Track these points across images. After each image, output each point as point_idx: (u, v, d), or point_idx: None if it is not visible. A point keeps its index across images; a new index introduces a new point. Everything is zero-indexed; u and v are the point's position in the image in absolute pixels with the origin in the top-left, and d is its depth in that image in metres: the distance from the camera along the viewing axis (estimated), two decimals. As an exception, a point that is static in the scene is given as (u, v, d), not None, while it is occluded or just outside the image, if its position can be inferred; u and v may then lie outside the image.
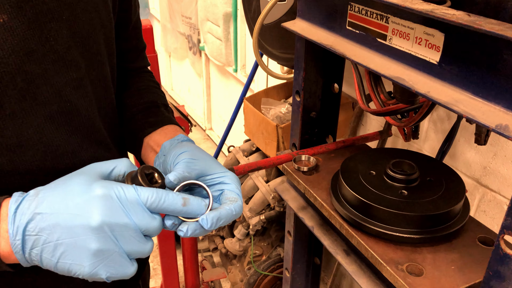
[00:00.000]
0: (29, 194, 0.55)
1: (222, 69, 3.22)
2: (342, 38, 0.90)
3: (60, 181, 0.57)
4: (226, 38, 2.83)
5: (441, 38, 0.67)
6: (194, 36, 3.43)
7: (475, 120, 0.60)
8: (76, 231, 0.51)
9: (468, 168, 1.33)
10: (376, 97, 1.23)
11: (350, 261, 1.00)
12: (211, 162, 0.70)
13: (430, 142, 1.45)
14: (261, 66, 1.43)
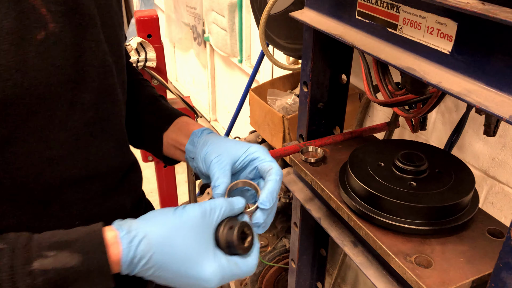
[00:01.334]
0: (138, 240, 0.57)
1: (227, 60, 3.20)
2: (352, 28, 0.89)
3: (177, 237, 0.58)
4: (231, 28, 2.81)
5: (453, 28, 0.66)
6: (199, 27, 3.41)
7: (488, 110, 0.59)
8: None
9: (476, 159, 1.32)
10: (384, 87, 1.22)
11: (357, 252, 1.00)
12: (233, 147, 0.74)
13: (438, 133, 1.43)
14: (268, 57, 1.42)
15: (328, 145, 1.17)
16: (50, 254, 0.52)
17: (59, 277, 0.52)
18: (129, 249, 0.56)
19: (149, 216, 0.60)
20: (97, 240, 0.55)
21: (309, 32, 1.06)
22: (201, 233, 0.60)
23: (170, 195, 1.81)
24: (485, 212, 0.92)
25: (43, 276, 0.51)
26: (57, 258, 0.53)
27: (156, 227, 0.58)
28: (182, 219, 0.59)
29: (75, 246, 0.54)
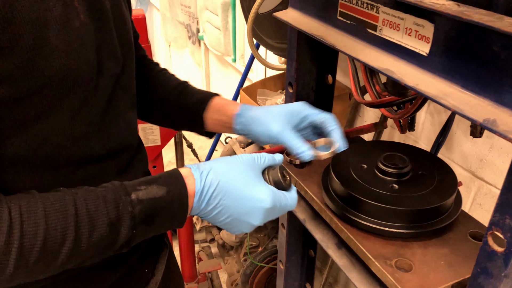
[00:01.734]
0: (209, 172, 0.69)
1: (221, 59, 3.19)
2: (333, 29, 0.87)
3: (236, 170, 0.71)
4: (225, 27, 2.80)
5: (430, 29, 0.65)
6: (193, 25, 3.40)
7: (463, 114, 0.58)
8: (251, 211, 0.70)
9: (464, 160, 1.31)
10: (371, 88, 1.21)
11: (341, 254, 0.99)
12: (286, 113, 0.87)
13: (427, 133, 1.43)
14: (255, 56, 1.41)
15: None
16: (142, 188, 0.64)
17: (151, 206, 0.63)
18: (200, 179, 0.68)
19: (211, 160, 0.73)
20: (176, 175, 0.67)
21: (294, 32, 1.05)
22: (254, 169, 0.73)
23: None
24: (468, 215, 0.91)
25: (140, 205, 0.63)
26: (148, 190, 0.64)
27: (219, 164, 0.71)
28: (239, 159, 0.73)
29: (160, 181, 0.66)
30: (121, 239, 0.63)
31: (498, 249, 0.63)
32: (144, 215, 0.63)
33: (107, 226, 0.61)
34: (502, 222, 0.61)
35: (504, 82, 0.56)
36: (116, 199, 0.62)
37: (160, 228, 0.67)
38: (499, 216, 0.62)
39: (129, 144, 0.81)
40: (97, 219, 0.60)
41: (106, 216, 0.61)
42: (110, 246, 0.63)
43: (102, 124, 0.73)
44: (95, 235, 0.60)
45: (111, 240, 0.62)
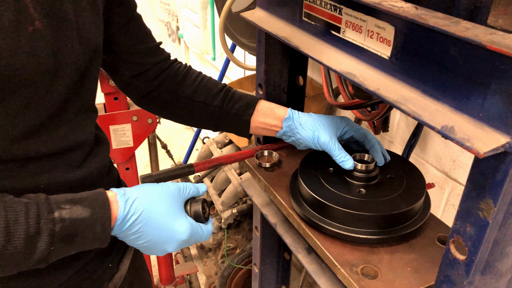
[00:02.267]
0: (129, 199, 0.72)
1: (201, 57, 3.15)
2: (299, 30, 0.85)
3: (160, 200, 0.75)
4: (203, 25, 2.76)
5: (391, 32, 0.63)
6: (173, 23, 3.35)
7: (422, 120, 0.56)
8: (168, 241, 0.75)
9: (438, 161, 1.30)
10: (344, 89, 1.19)
11: (310, 260, 0.97)
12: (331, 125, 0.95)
13: (402, 134, 1.42)
14: (227, 55, 1.38)
15: (286, 148, 1.14)
16: (67, 207, 0.65)
17: (72, 226, 0.64)
18: (125, 206, 0.70)
19: (138, 186, 0.77)
20: (102, 198, 0.69)
21: (262, 33, 1.02)
22: (177, 201, 0.78)
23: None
24: (437, 218, 0.90)
25: (61, 224, 0.63)
26: (72, 210, 0.65)
27: (145, 193, 0.75)
28: (164, 189, 0.77)
29: (86, 202, 0.67)
30: (37, 254, 0.63)
31: (460, 257, 0.62)
32: (64, 234, 0.64)
33: (24, 240, 0.61)
34: (463, 230, 0.60)
35: (462, 88, 0.54)
36: (38, 214, 0.63)
37: (79, 247, 0.67)
38: (460, 223, 0.60)
39: (80, 142, 0.81)
40: (14, 232, 0.60)
41: (24, 230, 0.61)
42: (24, 261, 0.63)
43: (49, 126, 0.73)
44: (10, 247, 0.60)
45: (27, 254, 0.62)
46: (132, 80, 0.98)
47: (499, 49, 0.44)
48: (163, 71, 0.99)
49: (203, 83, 1.01)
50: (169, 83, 1.00)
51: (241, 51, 2.24)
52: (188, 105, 1.01)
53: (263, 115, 0.99)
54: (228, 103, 1.00)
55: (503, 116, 0.50)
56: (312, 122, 0.95)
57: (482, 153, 0.49)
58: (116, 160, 1.65)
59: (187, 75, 1.02)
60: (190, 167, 1.05)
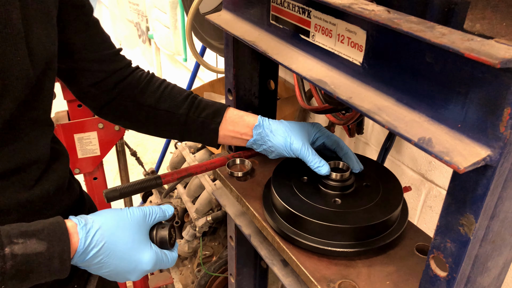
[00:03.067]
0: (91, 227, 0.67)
1: (173, 58, 3.08)
2: (267, 34, 0.81)
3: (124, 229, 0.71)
4: (174, 26, 2.69)
5: (363, 36, 0.59)
6: (143, 24, 3.26)
7: (397, 132, 0.53)
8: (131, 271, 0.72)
9: (414, 163, 1.28)
10: (317, 93, 1.15)
11: (287, 273, 0.93)
12: (303, 131, 0.91)
13: (377, 135, 1.39)
14: (196, 58, 1.32)
15: (258, 155, 1.10)
16: (20, 241, 0.60)
17: (25, 262, 0.59)
18: (85, 239, 0.66)
19: (101, 212, 0.72)
20: (60, 230, 0.64)
21: (229, 37, 0.97)
22: (142, 229, 0.74)
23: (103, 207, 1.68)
24: (415, 226, 0.87)
25: (12, 261, 0.58)
26: (26, 244, 0.60)
27: (108, 221, 0.70)
28: (128, 216, 0.73)
29: (42, 235, 0.62)
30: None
31: (441, 274, 0.59)
32: (15, 271, 0.59)
33: None
34: (444, 246, 0.57)
35: (439, 96, 0.50)
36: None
37: (36, 280, 0.62)
38: (440, 239, 0.57)
39: (34, 160, 0.76)
40: None
41: None
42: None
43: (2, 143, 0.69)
44: None
45: None
46: (90, 89, 0.91)
47: (478, 57, 0.41)
48: (124, 79, 0.93)
49: (167, 91, 0.96)
50: (130, 92, 0.94)
51: (213, 53, 2.18)
52: (151, 114, 0.95)
53: (232, 123, 0.95)
54: (194, 111, 0.95)
55: (483, 127, 0.46)
56: (283, 129, 0.91)
57: (462, 168, 0.46)
58: (82, 170, 1.58)
59: (150, 82, 0.96)
60: (158, 179, 1.00)
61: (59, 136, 1.50)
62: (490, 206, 0.51)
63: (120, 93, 0.94)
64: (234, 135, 0.95)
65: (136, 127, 0.99)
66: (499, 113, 0.45)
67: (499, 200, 0.51)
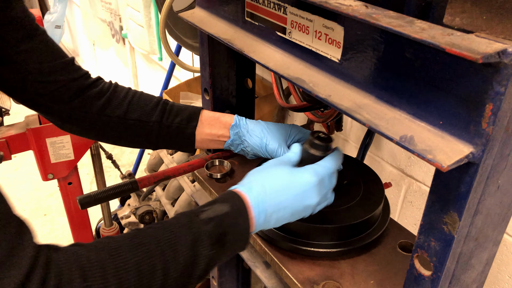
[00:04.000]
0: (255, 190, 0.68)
1: (148, 58, 3.02)
2: (242, 31, 0.78)
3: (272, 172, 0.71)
4: (148, 24, 2.63)
5: (341, 33, 0.57)
6: (116, 23, 3.19)
7: (378, 130, 0.51)
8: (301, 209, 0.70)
9: (393, 158, 1.28)
10: (296, 91, 1.13)
11: (269, 275, 0.91)
12: (280, 132, 0.90)
13: (356, 132, 1.39)
14: (171, 57, 1.29)
15: (237, 156, 1.07)
16: (207, 208, 0.65)
17: (219, 224, 0.63)
18: (251, 192, 0.68)
19: (249, 175, 0.72)
20: (231, 193, 0.68)
21: (204, 35, 0.95)
22: (285, 163, 0.74)
23: (79, 213, 1.64)
24: (397, 224, 0.86)
25: (212, 223, 0.63)
26: (213, 208, 0.65)
27: (257, 175, 0.71)
28: (271, 164, 0.73)
29: (221, 200, 0.67)
30: (202, 261, 0.61)
31: (425, 273, 0.58)
32: (217, 233, 0.63)
33: (188, 248, 0.60)
34: (427, 244, 0.56)
35: (419, 93, 0.49)
36: (189, 222, 0.63)
37: (230, 247, 0.65)
38: (423, 238, 0.56)
39: None
40: (177, 244, 0.60)
41: (184, 240, 0.60)
42: (191, 271, 0.61)
43: None
44: (180, 259, 0.59)
45: (192, 263, 0.60)
46: (45, 102, 0.86)
47: (459, 52, 0.40)
48: (83, 90, 0.88)
49: (136, 99, 0.91)
50: (93, 103, 0.89)
51: (189, 51, 2.14)
52: (121, 125, 0.90)
53: (209, 125, 0.92)
54: (167, 118, 0.91)
55: (466, 123, 0.45)
56: (259, 129, 0.90)
57: (446, 166, 0.44)
58: (56, 175, 1.52)
59: (115, 93, 0.91)
60: (133, 184, 0.96)
61: (30, 142, 1.45)
62: (474, 204, 0.50)
63: (82, 106, 0.88)
64: (212, 138, 0.93)
65: (106, 139, 0.94)
66: (481, 109, 0.44)
67: (482, 196, 0.51)
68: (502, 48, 0.39)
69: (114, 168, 2.01)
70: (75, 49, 5.10)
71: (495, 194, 0.52)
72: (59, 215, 2.79)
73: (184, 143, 0.93)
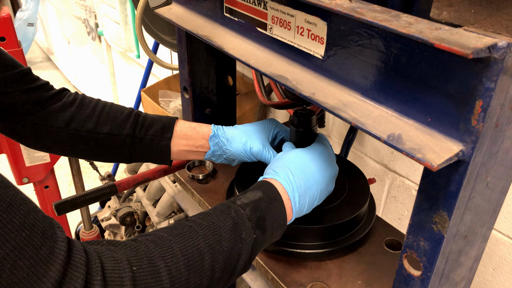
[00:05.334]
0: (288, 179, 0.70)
1: (125, 55, 2.95)
2: (222, 28, 0.76)
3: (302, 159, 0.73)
4: (124, 21, 2.57)
5: (324, 28, 0.55)
6: (91, 20, 3.10)
7: (365, 129, 0.49)
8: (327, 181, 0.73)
9: (376, 153, 1.28)
10: (277, 87, 1.11)
11: (255, 276, 0.89)
12: (261, 132, 0.87)
13: (338, 128, 1.38)
14: (148, 55, 1.25)
15: (219, 155, 1.05)
16: (241, 196, 0.66)
17: (257, 208, 0.64)
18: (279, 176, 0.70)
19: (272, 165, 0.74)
20: (260, 182, 0.70)
21: (182, 32, 0.92)
22: None
23: (57, 218, 1.59)
24: (383, 221, 0.85)
25: (248, 207, 0.64)
26: (247, 196, 0.66)
27: (280, 161, 0.73)
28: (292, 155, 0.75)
29: (252, 189, 0.68)
30: (246, 247, 0.61)
31: (414, 273, 0.56)
32: (255, 218, 0.63)
33: (231, 232, 0.60)
34: (417, 244, 0.54)
35: (406, 90, 0.48)
36: (227, 208, 0.63)
37: (270, 232, 0.65)
38: (412, 238, 0.55)
39: None
40: (219, 228, 0.60)
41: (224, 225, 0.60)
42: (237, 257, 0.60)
43: None
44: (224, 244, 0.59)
45: (236, 248, 0.60)
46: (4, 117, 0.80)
47: (449, 47, 0.38)
48: (42, 103, 0.81)
49: (106, 111, 0.85)
50: (58, 117, 0.82)
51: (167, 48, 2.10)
52: (91, 140, 0.84)
53: (185, 136, 0.86)
54: (140, 130, 0.85)
55: (455, 121, 0.44)
56: (239, 134, 0.86)
57: (436, 165, 0.43)
58: (31, 179, 1.47)
59: (82, 105, 0.85)
60: (112, 187, 0.93)
61: (2, 145, 1.39)
62: (463, 202, 0.49)
63: (44, 120, 0.82)
64: (190, 149, 0.88)
65: (75, 154, 0.88)
66: (470, 106, 0.42)
67: (471, 194, 0.50)
68: (492, 43, 0.38)
69: (91, 172, 1.96)
70: (49, 47, 4.97)
71: (484, 191, 0.51)
72: (37, 219, 2.70)
73: (159, 156, 0.88)
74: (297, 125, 0.80)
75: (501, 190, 0.55)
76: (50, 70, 4.78)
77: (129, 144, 0.85)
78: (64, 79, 4.51)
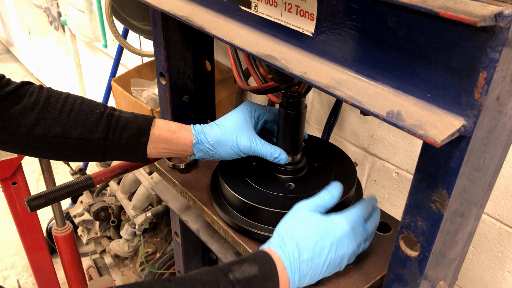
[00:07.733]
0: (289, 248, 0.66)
1: (91, 45, 2.84)
2: (202, 8, 0.72)
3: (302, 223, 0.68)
4: (89, 9, 2.46)
5: (314, 3, 0.53)
6: (53, 9, 2.97)
7: (363, 107, 0.48)
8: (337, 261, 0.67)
9: (356, 138, 1.27)
10: (256, 71, 1.08)
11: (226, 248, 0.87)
12: (245, 124, 0.82)
13: (316, 113, 1.36)
14: (119, 42, 1.19)
15: (199, 143, 1.01)
16: (236, 268, 0.62)
17: (248, 285, 0.61)
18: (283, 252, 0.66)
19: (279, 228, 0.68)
20: (262, 253, 0.65)
21: (158, 14, 0.87)
22: None
23: (27, 215, 1.52)
24: (369, 203, 0.85)
25: (239, 285, 0.60)
26: (242, 269, 0.62)
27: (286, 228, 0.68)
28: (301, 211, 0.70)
29: (250, 260, 0.64)
30: None
31: (411, 254, 0.56)
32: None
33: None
34: (414, 224, 0.53)
35: (404, 65, 0.46)
36: (215, 280, 0.60)
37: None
38: (410, 218, 0.54)
39: None
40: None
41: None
42: None
43: None
44: None
45: None
46: None
47: (456, 16, 0.36)
48: None
49: (74, 112, 0.77)
50: (20, 122, 0.73)
51: (136, 35, 2.03)
52: (60, 144, 0.76)
53: (165, 140, 0.80)
54: (114, 133, 0.78)
55: (456, 95, 0.43)
56: (224, 135, 0.79)
57: (439, 141, 0.41)
58: (-3, 176, 1.39)
59: (48, 105, 0.75)
60: (89, 180, 0.88)
61: (-37, 140, 1.30)
62: (463, 179, 0.48)
63: (4, 125, 0.73)
64: (170, 152, 0.82)
65: (47, 157, 0.82)
66: (473, 78, 0.41)
67: (471, 171, 0.49)
68: (499, 11, 0.36)
69: (62, 164, 1.88)
70: (8, 38, 4.74)
71: (481, 167, 0.50)
72: (3, 218, 2.59)
73: (136, 159, 0.82)
74: (286, 107, 0.77)
75: (495, 166, 0.54)
76: (10, 63, 4.56)
77: (102, 148, 0.79)
78: (26, 72, 4.32)
